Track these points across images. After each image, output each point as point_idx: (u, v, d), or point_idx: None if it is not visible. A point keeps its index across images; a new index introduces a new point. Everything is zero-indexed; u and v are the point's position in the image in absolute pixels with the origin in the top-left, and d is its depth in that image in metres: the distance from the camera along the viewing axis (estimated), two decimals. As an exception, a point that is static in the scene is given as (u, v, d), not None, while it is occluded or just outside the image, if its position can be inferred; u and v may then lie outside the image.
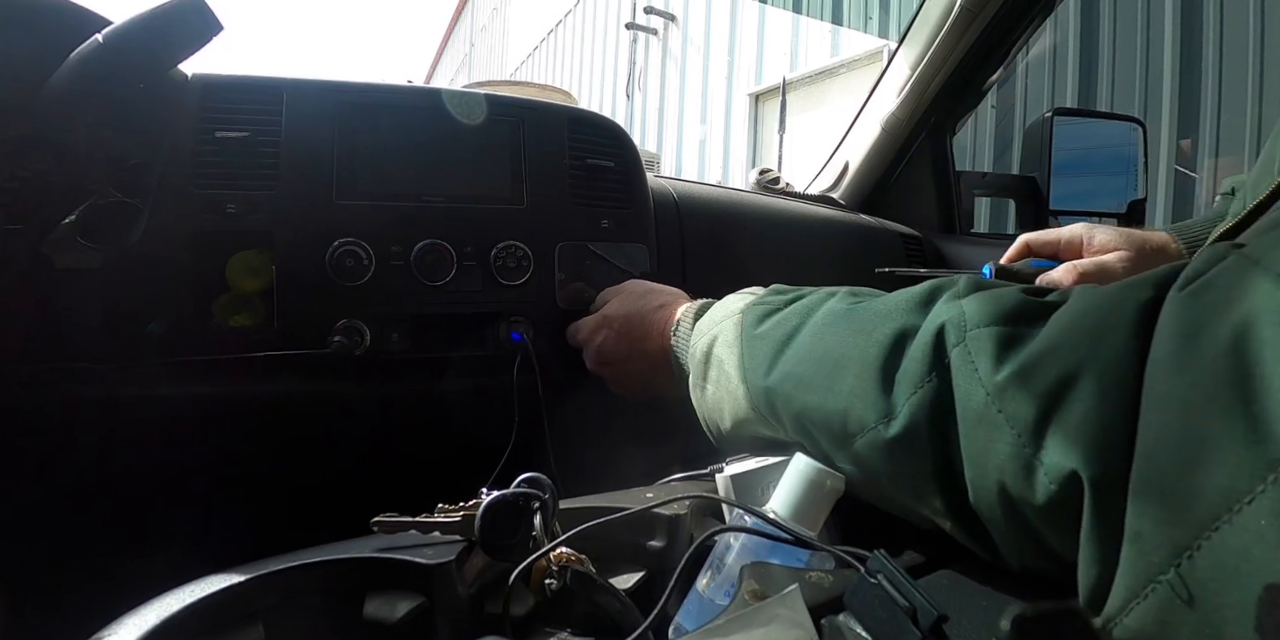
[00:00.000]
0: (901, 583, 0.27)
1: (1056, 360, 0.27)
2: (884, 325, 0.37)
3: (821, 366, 0.40)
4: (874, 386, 0.36)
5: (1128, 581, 0.24)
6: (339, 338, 0.66)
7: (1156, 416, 0.23)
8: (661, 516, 0.44)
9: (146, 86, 0.61)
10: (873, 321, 0.38)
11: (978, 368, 0.30)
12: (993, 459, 0.29)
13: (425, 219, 0.71)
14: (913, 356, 0.35)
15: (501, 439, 0.69)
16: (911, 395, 0.34)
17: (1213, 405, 0.21)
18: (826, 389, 0.39)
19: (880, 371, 0.36)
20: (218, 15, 0.56)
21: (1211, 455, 0.21)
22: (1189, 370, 0.23)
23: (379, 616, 0.34)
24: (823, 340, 0.42)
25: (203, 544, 0.46)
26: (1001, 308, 0.32)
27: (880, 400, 0.35)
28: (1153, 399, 0.24)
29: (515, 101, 0.78)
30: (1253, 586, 0.20)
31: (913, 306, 0.37)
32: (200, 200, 0.64)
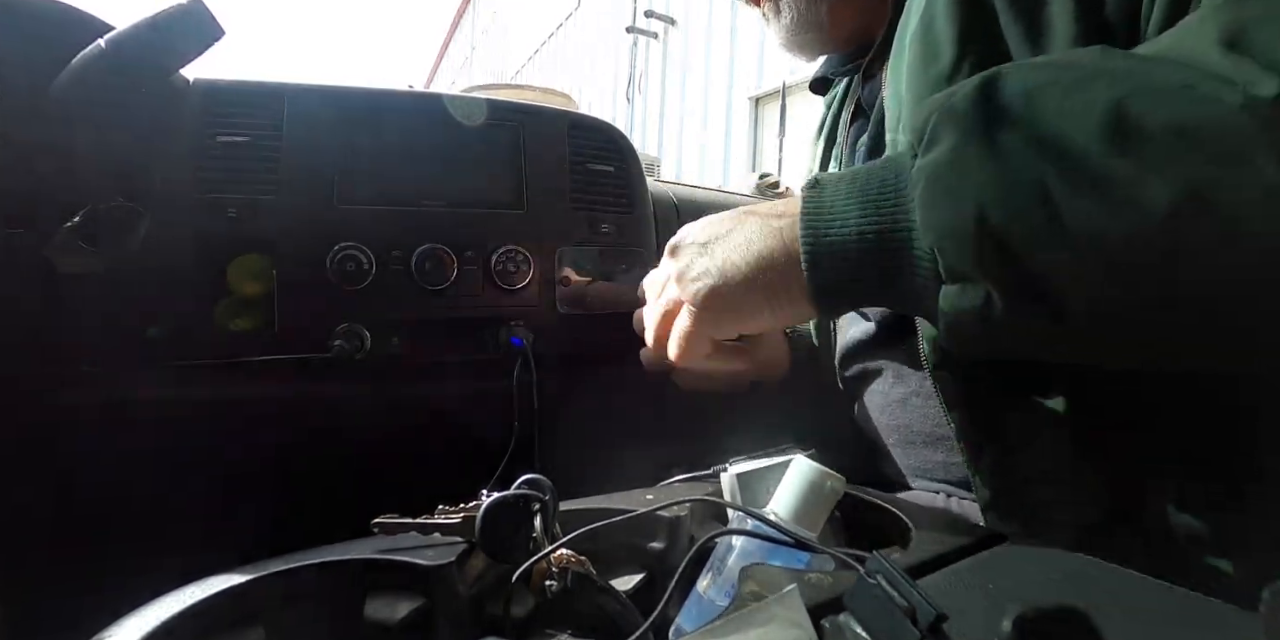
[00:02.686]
0: (901, 583, 0.27)
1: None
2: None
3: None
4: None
5: None
6: (339, 342, 0.66)
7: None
8: (662, 518, 0.44)
9: (148, 92, 0.61)
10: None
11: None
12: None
13: (426, 223, 0.72)
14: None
15: (502, 441, 0.69)
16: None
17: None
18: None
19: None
20: (219, 20, 0.57)
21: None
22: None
23: (379, 617, 0.34)
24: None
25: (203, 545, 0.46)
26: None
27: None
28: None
29: (516, 106, 0.78)
30: None
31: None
32: (202, 204, 0.64)
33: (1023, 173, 0.34)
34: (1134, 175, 0.32)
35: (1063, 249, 0.33)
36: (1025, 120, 0.34)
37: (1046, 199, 0.33)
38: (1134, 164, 0.32)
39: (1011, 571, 0.35)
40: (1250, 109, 0.30)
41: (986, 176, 0.34)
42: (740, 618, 0.29)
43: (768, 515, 0.39)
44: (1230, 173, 0.30)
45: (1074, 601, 0.25)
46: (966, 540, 0.39)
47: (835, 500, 0.40)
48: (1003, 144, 0.34)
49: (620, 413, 0.76)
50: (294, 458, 0.71)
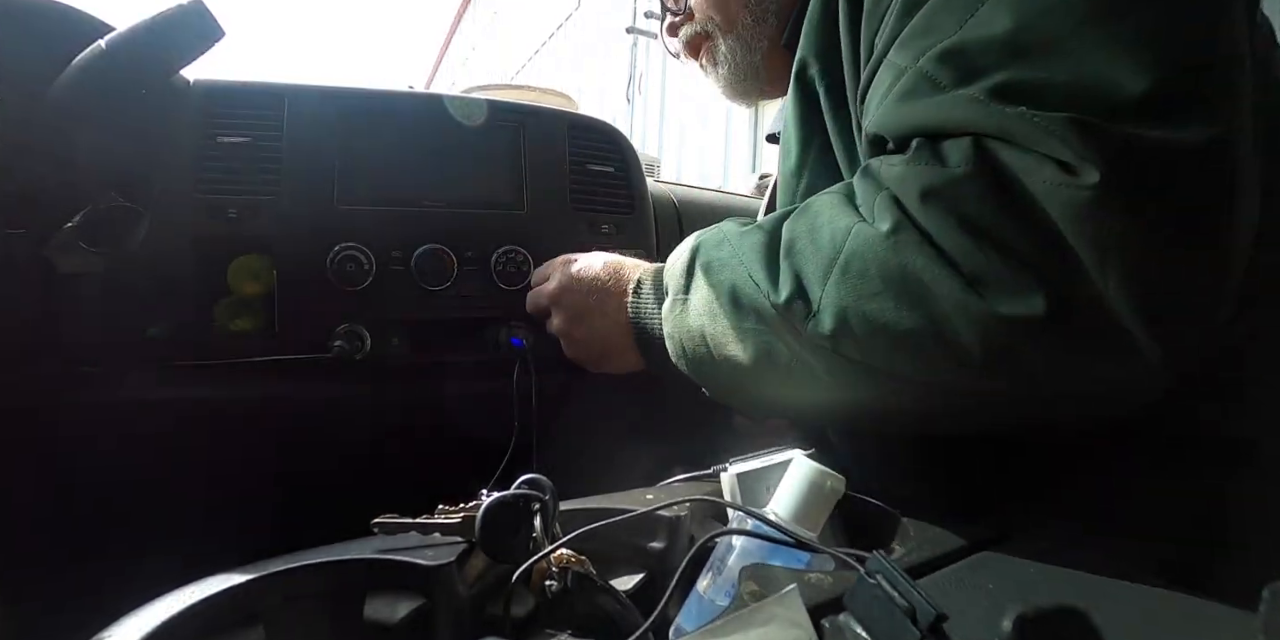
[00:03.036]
0: (900, 583, 0.27)
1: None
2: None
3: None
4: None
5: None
6: (339, 342, 0.66)
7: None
8: (662, 518, 0.44)
9: (149, 92, 0.61)
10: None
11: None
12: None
13: (426, 224, 0.72)
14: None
15: (502, 441, 0.69)
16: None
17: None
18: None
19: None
20: (219, 21, 0.57)
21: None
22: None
23: (379, 617, 0.34)
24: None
25: (204, 545, 0.46)
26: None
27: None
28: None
29: (516, 107, 0.78)
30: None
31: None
32: (202, 205, 0.65)
33: (696, 324, 0.51)
34: (739, 337, 0.47)
35: (718, 376, 0.52)
36: (702, 284, 0.51)
37: (706, 344, 0.50)
38: (738, 329, 0.47)
39: (1011, 571, 0.35)
40: (775, 307, 0.44)
41: (682, 324, 0.53)
42: (740, 618, 0.29)
43: (768, 515, 0.39)
44: (783, 343, 0.45)
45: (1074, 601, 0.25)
46: (966, 541, 0.39)
47: (835, 500, 0.40)
48: (691, 301, 0.52)
49: (620, 413, 0.76)
50: (294, 458, 0.71)
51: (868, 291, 0.39)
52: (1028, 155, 0.35)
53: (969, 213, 0.36)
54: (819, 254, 0.42)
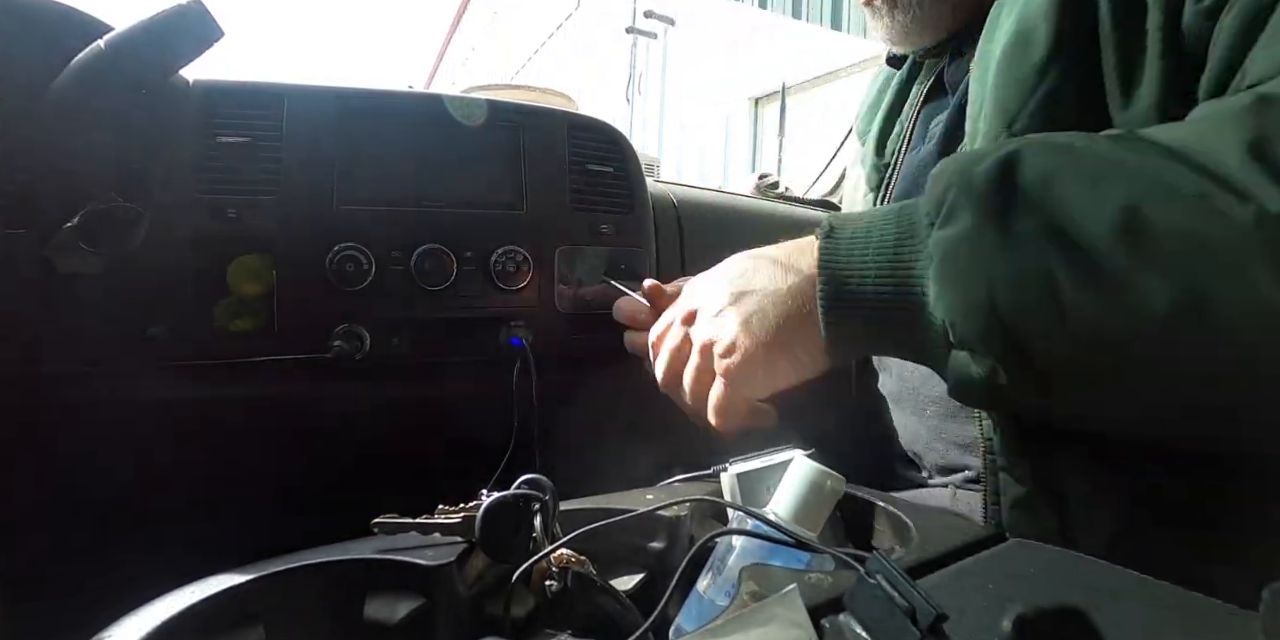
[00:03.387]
0: (900, 583, 0.27)
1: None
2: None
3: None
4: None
5: None
6: (339, 342, 0.66)
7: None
8: (662, 518, 0.44)
9: (148, 92, 0.61)
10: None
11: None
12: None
13: (426, 224, 0.72)
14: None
15: (501, 441, 0.69)
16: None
17: None
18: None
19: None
20: (219, 21, 0.57)
21: None
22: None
23: (379, 617, 0.34)
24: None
25: (203, 545, 0.46)
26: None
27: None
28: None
29: (515, 107, 0.78)
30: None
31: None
32: (202, 205, 0.65)
33: (1032, 261, 0.35)
34: (1138, 277, 0.33)
35: (1064, 342, 0.35)
36: (1040, 207, 0.35)
37: (1053, 292, 0.34)
38: (1140, 265, 0.33)
39: (1011, 571, 0.35)
40: (1259, 224, 0.30)
41: (998, 262, 0.35)
42: (740, 618, 0.29)
43: (768, 515, 0.39)
44: (1229, 284, 0.31)
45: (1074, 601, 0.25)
46: (966, 540, 0.39)
47: (835, 500, 0.40)
48: (1017, 230, 0.35)
49: (620, 412, 0.76)
50: (294, 458, 0.71)
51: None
52: None
53: None
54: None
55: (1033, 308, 0.35)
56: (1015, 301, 0.35)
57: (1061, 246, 0.34)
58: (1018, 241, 0.35)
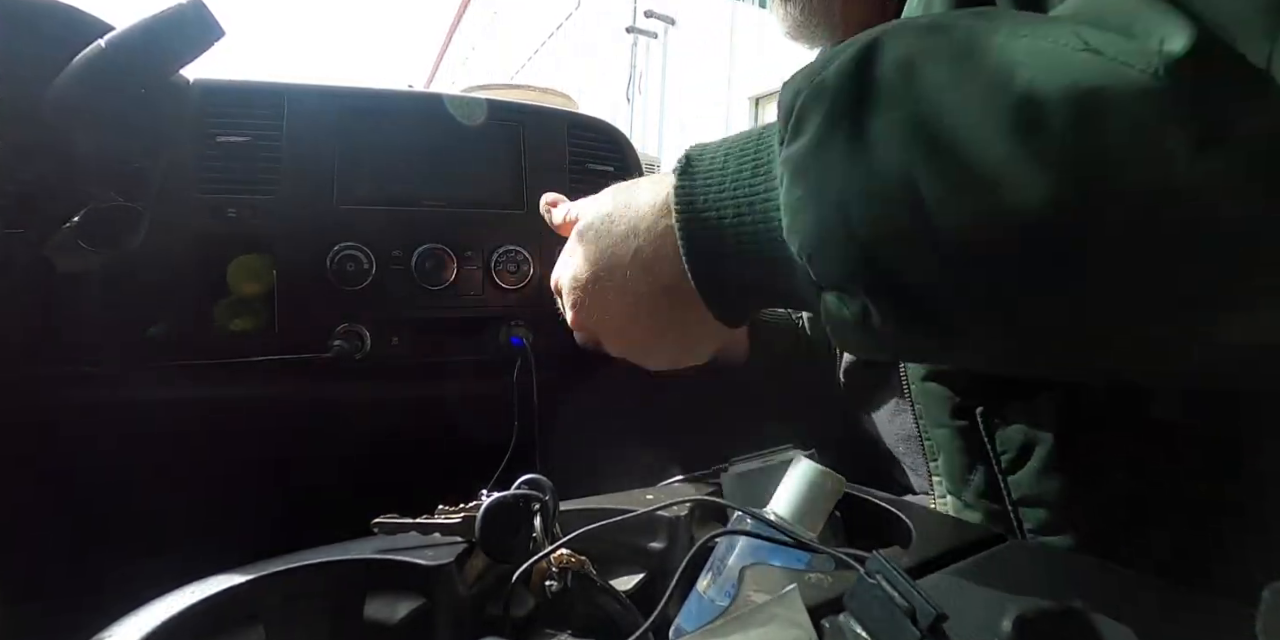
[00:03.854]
0: (900, 583, 0.27)
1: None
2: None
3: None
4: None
5: None
6: (339, 342, 0.66)
7: None
8: (662, 518, 0.44)
9: (148, 91, 0.61)
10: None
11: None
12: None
13: (426, 223, 0.72)
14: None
15: (502, 441, 0.69)
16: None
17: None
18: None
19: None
20: (219, 20, 0.57)
21: None
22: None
23: (379, 617, 0.34)
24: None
25: (204, 545, 0.46)
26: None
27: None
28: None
29: (515, 106, 0.78)
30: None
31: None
32: (202, 204, 0.65)
33: (891, 167, 0.28)
34: (1022, 167, 0.25)
35: (935, 264, 0.28)
36: (899, 99, 0.28)
37: (919, 201, 0.27)
38: (1023, 152, 0.25)
39: (1011, 571, 0.35)
40: (1168, 72, 0.23)
41: (851, 173, 0.29)
42: (740, 618, 0.29)
43: (768, 515, 0.39)
44: (1136, 160, 0.24)
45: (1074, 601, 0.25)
46: (966, 540, 0.39)
47: (835, 500, 0.40)
48: (871, 131, 0.28)
49: (620, 412, 0.76)
50: (294, 458, 0.71)
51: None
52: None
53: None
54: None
55: (895, 224, 0.28)
56: (873, 219, 0.29)
57: (925, 144, 0.27)
58: (873, 145, 0.28)
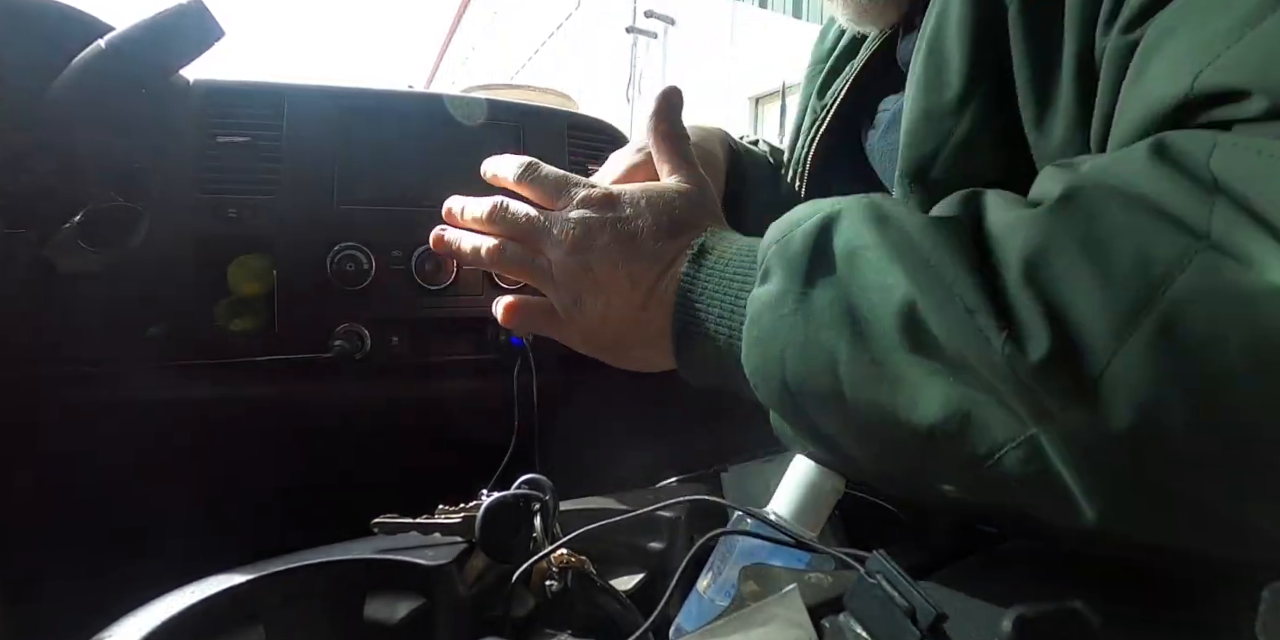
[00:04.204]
0: (901, 583, 0.27)
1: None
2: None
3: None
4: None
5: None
6: (339, 342, 0.66)
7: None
8: (662, 518, 0.44)
9: (148, 92, 0.61)
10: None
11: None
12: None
13: (426, 223, 0.71)
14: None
15: (502, 441, 0.69)
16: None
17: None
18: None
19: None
20: (219, 21, 0.57)
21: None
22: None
23: (379, 617, 0.34)
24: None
25: (203, 545, 0.46)
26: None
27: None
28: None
29: (515, 106, 0.78)
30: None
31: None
32: (202, 205, 0.65)
33: (821, 339, 0.32)
34: (908, 381, 0.29)
35: (843, 425, 0.33)
36: (839, 281, 0.32)
37: (835, 374, 0.31)
38: (912, 369, 0.29)
39: (1011, 571, 0.35)
40: (1010, 364, 0.26)
41: (792, 330, 0.33)
42: (741, 617, 0.29)
43: (768, 515, 0.39)
44: (992, 414, 0.28)
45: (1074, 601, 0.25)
46: (967, 540, 0.39)
47: (835, 500, 0.40)
48: (815, 301, 0.33)
49: (620, 412, 0.76)
50: (294, 458, 0.71)
51: (1223, 371, 0.23)
52: None
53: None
54: (1110, 287, 0.24)
55: (816, 386, 0.32)
56: (801, 375, 0.33)
57: (849, 328, 0.31)
58: (813, 313, 0.32)
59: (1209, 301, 0.23)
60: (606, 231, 0.43)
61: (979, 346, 0.27)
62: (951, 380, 0.28)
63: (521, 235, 0.47)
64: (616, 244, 0.42)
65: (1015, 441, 0.27)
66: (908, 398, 0.29)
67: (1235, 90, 0.26)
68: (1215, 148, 0.24)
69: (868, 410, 0.31)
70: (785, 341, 0.33)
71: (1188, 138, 0.26)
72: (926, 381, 0.29)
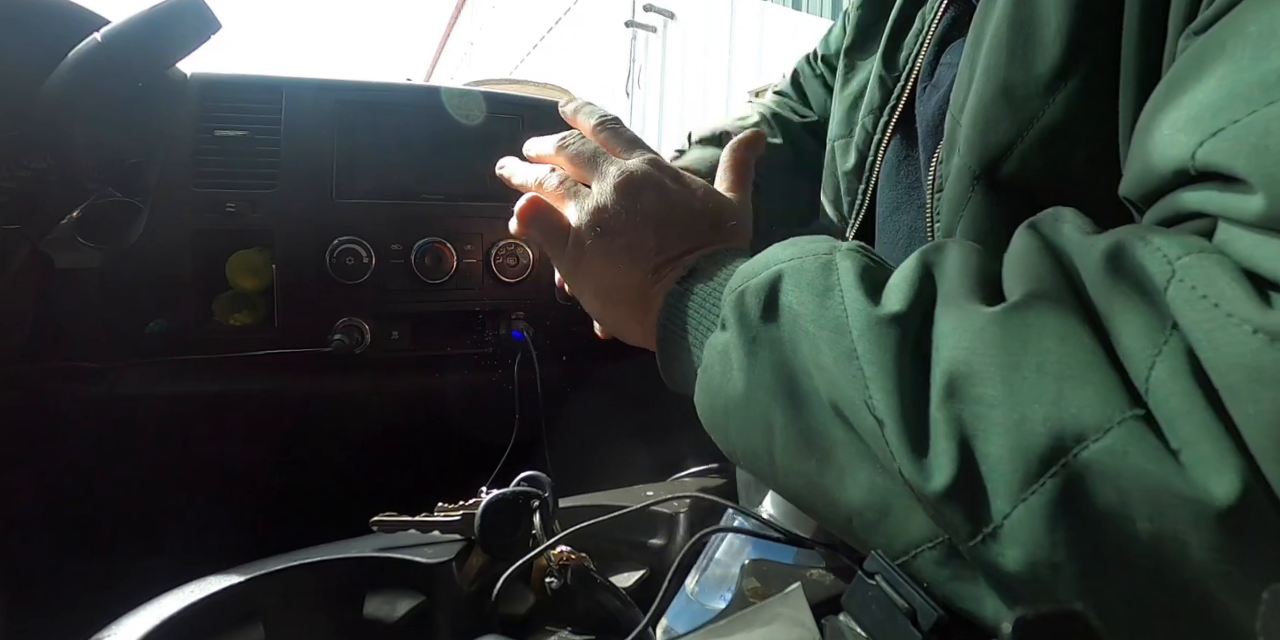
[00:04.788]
0: (900, 583, 0.27)
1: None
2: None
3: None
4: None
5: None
6: (339, 336, 0.66)
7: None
8: (661, 514, 0.44)
9: (145, 85, 0.61)
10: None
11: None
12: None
13: (425, 217, 0.71)
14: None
15: (502, 436, 0.69)
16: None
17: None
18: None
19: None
20: (216, 13, 0.56)
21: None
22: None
23: (379, 615, 0.34)
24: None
25: (203, 543, 0.46)
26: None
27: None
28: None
29: (515, 99, 0.78)
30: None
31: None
32: (200, 199, 0.64)
33: (759, 400, 0.31)
34: (835, 462, 0.28)
35: (780, 489, 0.32)
36: (782, 345, 0.31)
37: (769, 445, 0.31)
38: (840, 450, 0.28)
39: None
40: (914, 480, 0.25)
41: (736, 385, 0.32)
42: (744, 616, 0.29)
43: (760, 513, 0.39)
44: (910, 510, 0.27)
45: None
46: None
47: None
48: (758, 363, 0.31)
49: (622, 407, 0.75)
50: (294, 453, 0.71)
51: (1119, 547, 0.22)
52: None
53: None
54: (1023, 433, 0.22)
55: (753, 452, 0.32)
56: (742, 438, 0.32)
57: (786, 396, 0.30)
58: (756, 373, 0.31)
59: (1118, 477, 0.21)
60: (657, 190, 0.42)
61: (886, 457, 0.26)
62: (876, 470, 0.27)
63: (580, 163, 0.45)
64: (659, 202, 0.41)
65: (930, 543, 0.26)
66: (834, 478, 0.28)
67: (1235, 176, 0.22)
68: (1172, 281, 0.22)
69: (796, 479, 0.30)
70: (729, 397, 0.32)
71: (1150, 254, 0.23)
72: (853, 465, 0.28)
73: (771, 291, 0.32)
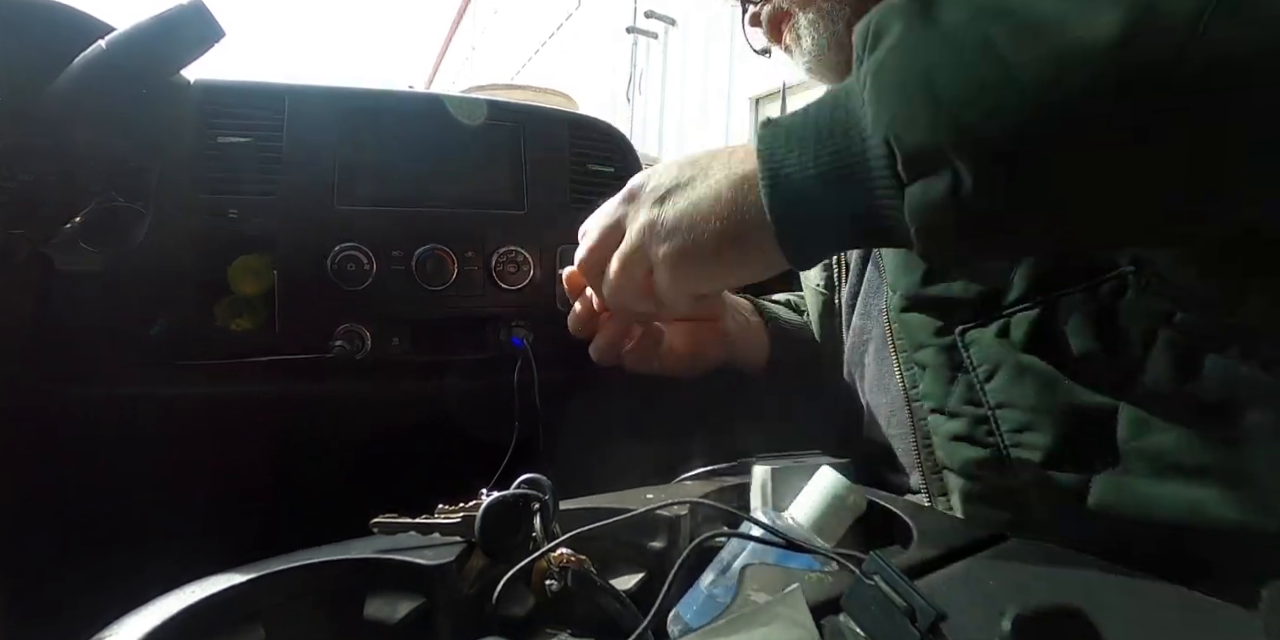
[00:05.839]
0: (898, 583, 0.27)
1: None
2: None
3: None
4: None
5: None
6: (340, 342, 0.66)
7: None
8: (662, 517, 0.44)
9: (149, 92, 0.61)
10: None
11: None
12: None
13: (426, 224, 0.72)
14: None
15: (502, 441, 0.69)
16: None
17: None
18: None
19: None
20: (220, 21, 0.57)
21: None
22: None
23: (379, 617, 0.34)
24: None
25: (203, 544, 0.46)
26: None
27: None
28: None
29: (516, 106, 0.78)
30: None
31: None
32: (202, 205, 0.65)
33: (968, 39, 0.32)
34: (1079, 8, 0.30)
35: (1019, 110, 0.32)
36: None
37: (995, 56, 0.31)
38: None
39: (1011, 571, 0.35)
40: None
41: (933, 52, 0.33)
42: (743, 617, 0.29)
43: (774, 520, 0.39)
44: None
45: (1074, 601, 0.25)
46: (966, 540, 0.39)
47: (856, 515, 0.40)
48: (945, 20, 0.33)
49: (621, 413, 0.75)
50: (294, 458, 0.71)
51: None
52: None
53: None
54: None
55: (978, 82, 0.32)
56: (958, 82, 0.32)
57: (991, 13, 0.32)
58: (948, 28, 0.33)
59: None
60: (654, 169, 0.48)
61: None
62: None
63: (603, 235, 0.53)
64: (669, 166, 0.47)
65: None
66: (1082, 30, 0.30)
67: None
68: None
69: (1043, 70, 0.31)
70: (927, 65, 0.33)
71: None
72: (1093, 5, 0.30)
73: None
